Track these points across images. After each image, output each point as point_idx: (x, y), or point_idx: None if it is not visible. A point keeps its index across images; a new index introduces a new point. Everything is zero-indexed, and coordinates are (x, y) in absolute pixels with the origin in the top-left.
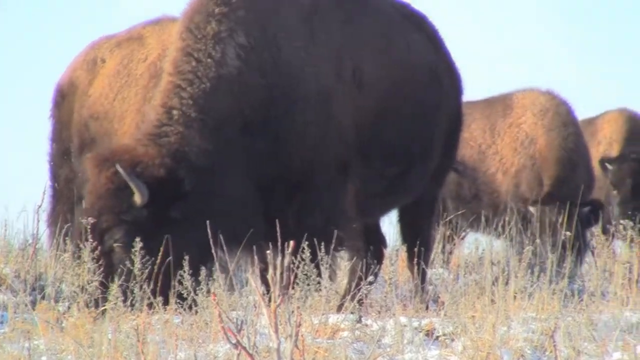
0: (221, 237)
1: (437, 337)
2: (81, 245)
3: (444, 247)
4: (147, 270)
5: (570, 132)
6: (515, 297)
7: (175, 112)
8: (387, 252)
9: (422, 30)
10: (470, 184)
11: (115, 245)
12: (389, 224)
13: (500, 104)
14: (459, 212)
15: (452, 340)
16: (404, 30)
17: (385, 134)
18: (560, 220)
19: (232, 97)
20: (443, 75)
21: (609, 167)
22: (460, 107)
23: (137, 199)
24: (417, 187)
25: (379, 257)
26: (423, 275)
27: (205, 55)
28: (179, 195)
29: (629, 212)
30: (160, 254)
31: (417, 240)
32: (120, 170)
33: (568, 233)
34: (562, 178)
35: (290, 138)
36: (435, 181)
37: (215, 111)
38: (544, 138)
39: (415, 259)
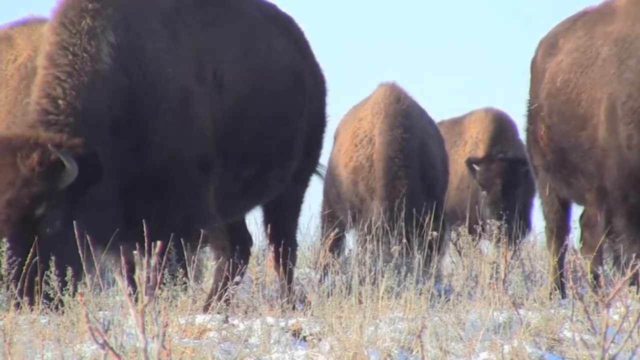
0: (87, 236)
1: (304, 337)
2: None
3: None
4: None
5: (394, 137)
6: (382, 297)
7: (60, 102)
8: (254, 251)
9: (288, 33)
10: (331, 184)
11: (51, 230)
12: (255, 224)
13: (364, 101)
14: (325, 212)
15: (319, 340)
16: (267, 34)
17: (243, 136)
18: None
19: (105, 94)
20: (307, 78)
21: (477, 167)
22: (324, 109)
23: (68, 178)
24: (276, 188)
25: (245, 256)
26: (290, 275)
27: (80, 49)
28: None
29: (500, 212)
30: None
31: (283, 240)
32: (54, 149)
33: (435, 233)
34: (382, 194)
35: (152, 139)
36: (298, 182)
37: (93, 107)
38: (376, 141)
39: (282, 259)
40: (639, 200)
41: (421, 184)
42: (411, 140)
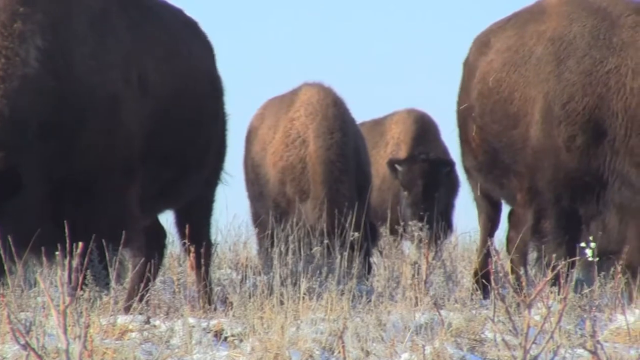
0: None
1: (226, 338)
2: None
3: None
4: None
5: (335, 141)
6: (303, 297)
7: None
8: (175, 253)
9: (198, 37)
10: (254, 181)
11: None
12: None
13: (287, 99)
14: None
15: (241, 341)
16: (186, 38)
17: (164, 139)
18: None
19: (31, 98)
20: (217, 81)
21: (399, 168)
22: (225, 109)
23: None
24: (192, 191)
25: (161, 252)
26: (208, 275)
27: (13, 53)
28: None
29: (421, 214)
30: None
31: (199, 241)
32: None
33: (356, 234)
34: (323, 196)
35: (80, 144)
36: (209, 183)
37: (20, 112)
38: (312, 144)
39: (203, 260)
40: (570, 203)
41: (355, 187)
42: (349, 144)
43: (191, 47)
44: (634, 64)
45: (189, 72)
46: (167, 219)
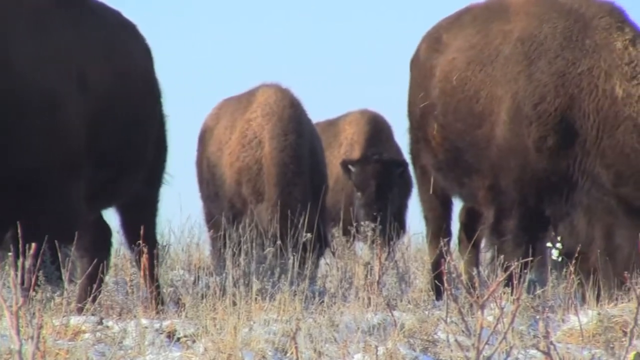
0: None
1: (179, 339)
2: None
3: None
4: None
5: (289, 143)
6: (256, 298)
7: None
8: (128, 254)
9: (137, 39)
10: (209, 181)
11: None
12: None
13: (245, 100)
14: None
15: (194, 341)
16: (124, 38)
17: (102, 138)
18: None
19: None
20: (154, 82)
21: (352, 169)
22: (163, 110)
23: None
24: (130, 190)
25: (107, 249)
26: (157, 275)
27: None
28: None
29: (374, 214)
30: None
31: (146, 242)
32: None
33: (309, 235)
34: (277, 199)
35: (21, 141)
36: (152, 183)
37: None
38: (267, 145)
39: (155, 261)
40: (536, 203)
41: (310, 189)
42: (304, 146)
43: (130, 48)
44: (607, 66)
45: (127, 72)
46: (115, 220)
